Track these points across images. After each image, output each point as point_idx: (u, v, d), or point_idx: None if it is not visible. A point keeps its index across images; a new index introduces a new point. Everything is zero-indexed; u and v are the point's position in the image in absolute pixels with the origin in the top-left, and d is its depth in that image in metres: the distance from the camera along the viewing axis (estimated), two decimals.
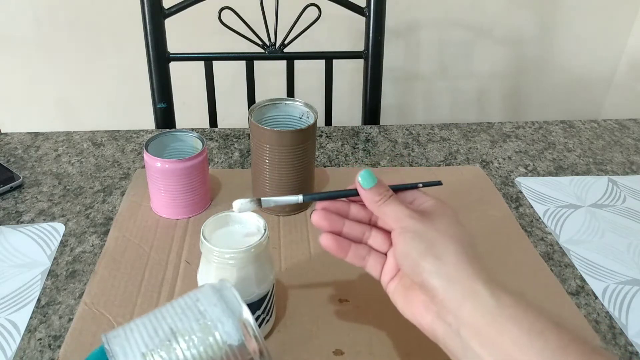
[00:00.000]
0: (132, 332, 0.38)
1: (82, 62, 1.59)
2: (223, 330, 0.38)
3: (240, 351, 0.38)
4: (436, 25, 1.65)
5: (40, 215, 0.69)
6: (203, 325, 0.38)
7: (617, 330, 0.56)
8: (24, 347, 0.51)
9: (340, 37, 1.55)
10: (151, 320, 0.39)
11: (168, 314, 0.39)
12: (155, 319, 0.39)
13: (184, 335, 0.37)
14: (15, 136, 0.86)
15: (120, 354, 0.36)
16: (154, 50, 1.01)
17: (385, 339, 0.52)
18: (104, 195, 0.73)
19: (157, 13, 0.99)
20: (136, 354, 0.36)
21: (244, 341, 0.38)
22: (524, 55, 1.74)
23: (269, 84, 1.25)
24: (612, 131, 0.95)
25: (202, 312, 0.39)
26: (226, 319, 0.38)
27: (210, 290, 0.41)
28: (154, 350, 0.36)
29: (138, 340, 0.37)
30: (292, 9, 1.00)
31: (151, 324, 0.38)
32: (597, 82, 1.83)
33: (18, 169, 0.77)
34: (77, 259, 0.62)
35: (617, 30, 1.75)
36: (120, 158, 0.81)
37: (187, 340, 0.37)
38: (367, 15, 1.04)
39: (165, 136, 0.69)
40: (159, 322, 0.38)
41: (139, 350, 0.36)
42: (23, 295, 0.57)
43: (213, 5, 0.98)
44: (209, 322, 0.38)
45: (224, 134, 0.88)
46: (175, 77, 1.06)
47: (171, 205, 0.67)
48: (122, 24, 1.51)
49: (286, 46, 1.06)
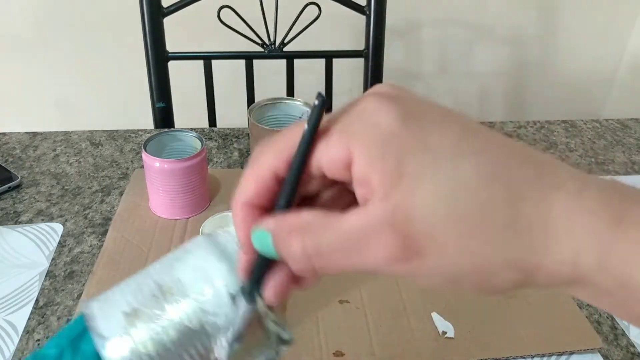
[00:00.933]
0: (114, 294, 0.32)
1: (81, 61, 1.58)
2: (221, 279, 0.31)
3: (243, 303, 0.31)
4: (437, 24, 1.64)
5: (38, 216, 0.68)
6: (197, 277, 0.31)
7: (618, 331, 0.55)
8: (22, 348, 0.51)
9: (341, 36, 1.55)
10: (135, 279, 0.33)
11: (154, 270, 0.33)
12: (141, 277, 0.33)
13: (173, 289, 0.31)
14: (14, 136, 0.86)
15: (99, 316, 0.31)
16: (153, 50, 1.01)
17: (385, 339, 0.52)
18: (102, 196, 0.72)
19: (156, 12, 0.98)
20: (116, 313, 0.31)
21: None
22: (526, 54, 1.74)
23: (269, 83, 1.24)
24: (614, 131, 0.94)
25: (195, 263, 0.32)
26: (225, 267, 0.31)
27: (203, 240, 0.34)
28: (138, 308, 0.31)
29: (119, 300, 0.31)
30: (292, 7, 1.00)
31: (135, 282, 0.32)
32: (599, 82, 1.82)
33: (16, 169, 0.77)
34: (75, 260, 0.61)
35: (619, 30, 1.74)
36: (119, 158, 0.81)
37: (178, 294, 0.31)
38: (367, 14, 1.04)
39: (164, 136, 0.68)
40: (144, 278, 0.32)
41: (119, 309, 0.31)
42: (21, 296, 0.56)
43: (212, 3, 0.98)
44: (203, 272, 0.32)
45: (223, 134, 0.88)
46: (174, 77, 1.06)
47: (170, 206, 0.66)
48: (120, 23, 1.51)
49: (286, 45, 1.06)
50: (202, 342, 0.31)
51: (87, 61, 1.59)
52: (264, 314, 0.30)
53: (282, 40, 1.05)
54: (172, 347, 0.30)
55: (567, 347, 0.53)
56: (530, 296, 0.57)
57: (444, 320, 0.54)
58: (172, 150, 0.69)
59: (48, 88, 1.63)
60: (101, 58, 1.58)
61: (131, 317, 0.30)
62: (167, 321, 0.30)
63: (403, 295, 0.57)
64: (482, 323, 0.55)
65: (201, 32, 1.25)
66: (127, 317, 0.30)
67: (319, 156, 0.24)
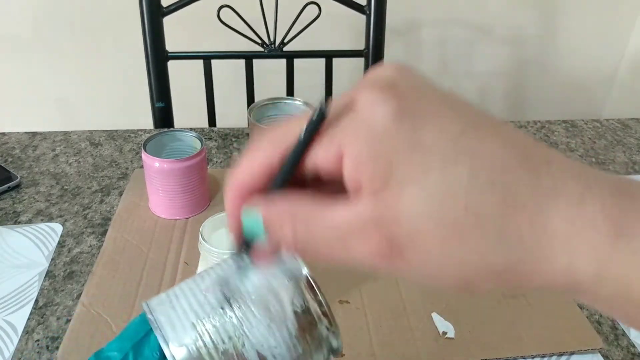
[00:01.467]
0: (178, 299, 0.32)
1: (80, 61, 1.58)
2: (285, 292, 0.31)
3: (305, 317, 0.31)
4: (437, 24, 1.64)
5: (37, 216, 0.68)
6: (265, 291, 0.31)
7: (619, 331, 0.55)
8: (22, 349, 0.51)
9: (341, 36, 1.54)
10: (199, 285, 0.33)
11: (220, 277, 0.33)
12: (206, 283, 0.33)
13: (238, 301, 0.31)
14: (13, 136, 0.86)
15: (166, 325, 0.31)
16: (153, 49, 1.01)
17: (385, 339, 0.52)
18: (102, 196, 0.72)
19: (156, 11, 0.98)
20: (184, 323, 0.30)
21: (307, 304, 0.32)
22: (526, 54, 1.74)
23: (269, 82, 1.24)
24: (615, 131, 0.94)
25: (262, 277, 0.32)
26: (287, 280, 0.32)
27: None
28: (204, 318, 0.30)
29: (186, 308, 0.31)
30: (292, 7, 0.99)
31: (199, 288, 0.32)
32: (599, 81, 1.82)
33: (15, 169, 0.77)
34: (75, 260, 0.61)
35: (619, 30, 1.74)
36: (118, 158, 0.81)
37: (242, 307, 0.31)
38: (367, 13, 1.04)
39: (164, 136, 0.68)
40: (211, 285, 0.32)
41: (187, 319, 0.31)
42: (21, 296, 0.56)
43: (212, 3, 0.98)
44: (270, 287, 0.32)
45: (223, 134, 0.88)
46: (174, 76, 1.06)
47: (170, 206, 0.66)
48: (120, 23, 1.51)
49: (286, 45, 1.05)
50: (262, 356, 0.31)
51: (86, 61, 1.59)
52: (317, 318, 0.31)
53: (282, 40, 1.05)
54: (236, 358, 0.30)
55: (568, 348, 0.53)
56: (531, 296, 0.57)
57: (444, 320, 0.54)
58: (172, 150, 0.69)
59: (47, 88, 1.62)
60: (101, 58, 1.58)
61: (200, 328, 0.30)
62: (233, 334, 0.30)
63: (403, 295, 0.57)
64: (482, 323, 0.54)
65: (201, 32, 1.25)
66: (195, 327, 0.30)
67: (313, 155, 0.24)
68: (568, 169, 0.22)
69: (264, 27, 1.03)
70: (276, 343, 0.31)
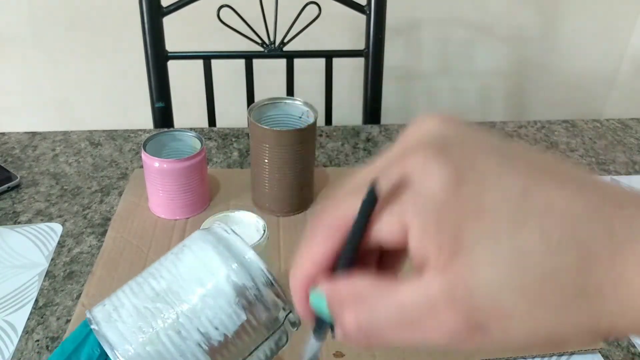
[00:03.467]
0: (118, 297, 0.31)
1: (80, 60, 1.58)
2: (221, 269, 0.30)
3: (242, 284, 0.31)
4: (437, 23, 1.64)
5: (37, 216, 0.68)
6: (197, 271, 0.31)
7: None
8: (22, 349, 0.51)
9: (341, 36, 1.54)
10: (136, 280, 0.32)
11: (154, 269, 0.32)
12: (141, 278, 0.32)
13: (173, 287, 0.30)
14: (13, 136, 0.85)
15: (103, 321, 0.30)
16: (152, 49, 1.00)
17: None
18: (101, 196, 0.72)
19: (156, 11, 0.98)
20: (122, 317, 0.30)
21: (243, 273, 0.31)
22: (526, 54, 1.74)
23: (269, 82, 1.24)
24: (615, 131, 0.94)
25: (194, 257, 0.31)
26: (220, 257, 0.31)
27: (199, 234, 0.33)
28: (141, 310, 0.30)
29: (124, 303, 0.31)
30: (291, 6, 0.99)
31: (136, 283, 0.32)
32: (599, 81, 1.82)
33: (15, 169, 0.77)
34: (74, 260, 0.61)
35: (620, 29, 1.74)
36: (118, 158, 0.81)
37: (179, 291, 0.30)
38: (367, 13, 1.04)
39: (164, 136, 0.68)
40: (144, 279, 0.31)
41: (124, 312, 0.30)
42: (20, 297, 0.56)
43: (212, 3, 0.98)
44: (203, 265, 0.31)
45: (222, 134, 0.88)
46: (174, 76, 1.06)
47: (169, 206, 0.66)
48: (120, 23, 1.51)
49: (286, 44, 1.05)
50: (205, 338, 0.30)
51: (86, 61, 1.59)
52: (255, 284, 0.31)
53: (282, 40, 1.05)
54: (174, 346, 0.30)
55: (568, 347, 0.52)
56: None
57: None
58: (172, 150, 0.69)
59: (47, 88, 1.62)
60: (100, 58, 1.58)
61: (135, 320, 0.30)
62: (170, 320, 0.30)
63: None
64: None
65: (201, 32, 1.25)
66: (132, 319, 0.30)
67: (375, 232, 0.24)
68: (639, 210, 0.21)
69: (264, 27, 1.03)
70: (213, 314, 0.30)
